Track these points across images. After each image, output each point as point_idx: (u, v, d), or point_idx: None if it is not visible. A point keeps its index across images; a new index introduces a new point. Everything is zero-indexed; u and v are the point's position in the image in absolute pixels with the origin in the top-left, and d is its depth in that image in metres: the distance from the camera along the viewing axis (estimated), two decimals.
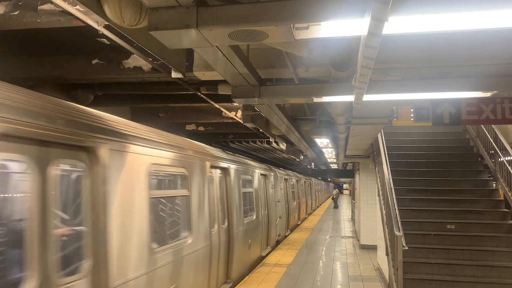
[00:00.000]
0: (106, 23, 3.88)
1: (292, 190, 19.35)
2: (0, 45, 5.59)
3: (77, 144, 3.58)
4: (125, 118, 9.32)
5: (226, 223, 8.15)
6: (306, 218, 23.30)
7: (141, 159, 4.70)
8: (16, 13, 4.08)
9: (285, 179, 17.25)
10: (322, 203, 44.77)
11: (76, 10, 3.72)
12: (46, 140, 3.21)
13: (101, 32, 4.14)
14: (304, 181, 25.22)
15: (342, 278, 9.23)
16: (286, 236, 16.33)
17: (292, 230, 18.38)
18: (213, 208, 7.28)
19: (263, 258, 11.37)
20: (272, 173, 14.35)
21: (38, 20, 4.08)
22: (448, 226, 8.63)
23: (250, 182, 10.67)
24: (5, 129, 2.80)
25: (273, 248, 13.27)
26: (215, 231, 7.31)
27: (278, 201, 14.75)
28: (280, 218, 14.80)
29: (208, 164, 7.07)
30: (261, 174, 12.15)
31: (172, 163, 5.61)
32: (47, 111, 3.30)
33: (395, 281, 7.08)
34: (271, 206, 13.36)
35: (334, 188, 42.32)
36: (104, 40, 5.36)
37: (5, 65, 5.81)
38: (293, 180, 20.04)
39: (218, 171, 7.97)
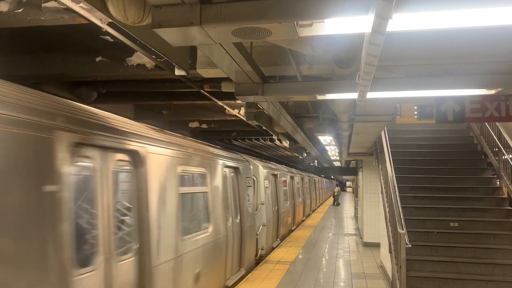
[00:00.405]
0: (110, 20, 3.89)
1: (284, 189, 15.90)
2: (4, 42, 5.61)
3: (129, 149, 4.49)
4: (128, 116, 9.39)
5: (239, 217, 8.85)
6: (302, 222, 22.34)
7: (171, 160, 5.50)
8: (20, 10, 4.09)
9: (273, 175, 13.74)
10: (324, 201, 44.75)
11: (80, 8, 3.73)
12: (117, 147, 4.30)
13: (104, 30, 4.15)
14: (302, 178, 22.34)
15: (345, 276, 9.23)
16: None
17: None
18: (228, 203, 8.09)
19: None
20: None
21: (42, 18, 4.09)
22: (452, 224, 8.61)
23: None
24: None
25: None
26: (230, 224, 8.08)
27: (262, 203, 11.72)
28: (264, 225, 11.61)
29: (223, 162, 7.84)
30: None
31: (195, 164, 6.44)
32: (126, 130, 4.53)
33: (398, 279, 7.08)
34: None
35: (336, 186, 42.33)
36: (108, 37, 5.37)
37: (9, 62, 5.83)
38: (286, 176, 16.76)
39: (231, 169, 8.66)
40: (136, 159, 4.66)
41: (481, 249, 7.95)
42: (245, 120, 8.89)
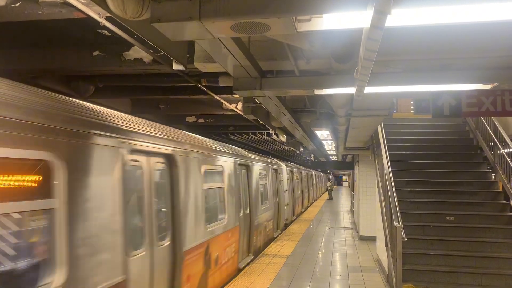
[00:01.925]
0: (108, 14, 3.89)
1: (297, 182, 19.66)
2: (1, 37, 5.58)
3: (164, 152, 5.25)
4: (125, 110, 9.39)
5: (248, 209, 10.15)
6: (301, 214, 22.89)
7: (196, 160, 6.30)
8: (17, 4, 4.08)
9: (291, 171, 18.42)
10: (321, 195, 44.88)
11: (78, 2, 3.72)
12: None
13: (102, 24, 4.14)
14: (300, 172, 22.82)
15: (341, 269, 9.30)
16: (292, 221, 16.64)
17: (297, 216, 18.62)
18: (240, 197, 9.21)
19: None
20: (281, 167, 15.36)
21: (40, 12, 4.08)
22: (447, 218, 8.68)
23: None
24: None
25: None
26: (242, 214, 9.25)
27: (286, 190, 15.80)
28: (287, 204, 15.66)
29: (234, 161, 8.75)
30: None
31: (214, 162, 7.32)
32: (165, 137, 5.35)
33: (394, 272, 7.15)
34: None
35: (329, 180, 42.27)
36: (105, 32, 5.36)
37: (6, 56, 5.81)
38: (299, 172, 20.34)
39: (243, 167, 9.82)
40: (171, 160, 5.55)
41: (476, 242, 8.03)
42: (242, 114, 8.90)
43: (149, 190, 4.85)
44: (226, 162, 8.14)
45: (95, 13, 3.94)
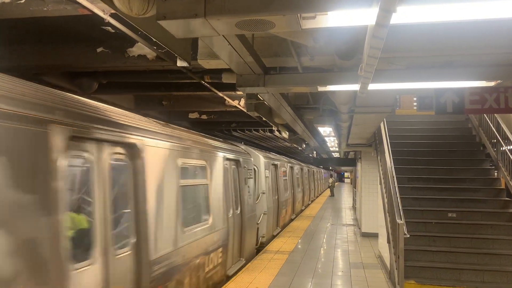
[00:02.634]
0: (112, 11, 3.90)
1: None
2: (6, 33, 5.60)
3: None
4: (128, 106, 9.39)
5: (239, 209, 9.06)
6: (302, 212, 22.97)
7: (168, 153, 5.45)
8: (23, 1, 4.09)
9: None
10: (322, 192, 44.90)
11: None
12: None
13: (107, 21, 4.16)
14: (301, 169, 22.37)
15: (343, 265, 9.33)
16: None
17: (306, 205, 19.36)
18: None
19: None
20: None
21: (45, 9, 4.10)
22: (450, 215, 8.69)
23: None
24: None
25: None
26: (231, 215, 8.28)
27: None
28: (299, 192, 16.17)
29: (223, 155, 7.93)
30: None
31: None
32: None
33: (396, 269, 7.17)
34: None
35: (330, 176, 42.20)
36: (109, 28, 5.37)
37: (11, 53, 5.83)
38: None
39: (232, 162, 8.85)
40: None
41: (478, 239, 8.04)
42: (245, 111, 8.91)
43: (101, 187, 3.94)
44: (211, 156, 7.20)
45: (100, 10, 3.96)
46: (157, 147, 5.07)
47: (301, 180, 21.84)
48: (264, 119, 9.79)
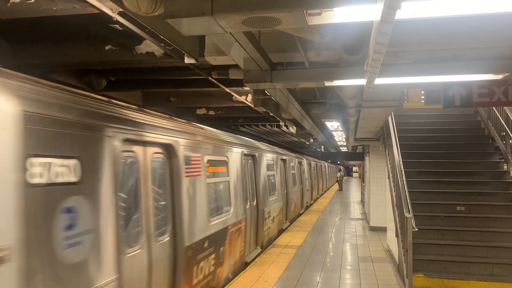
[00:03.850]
0: (120, 9, 3.94)
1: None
2: (16, 32, 5.68)
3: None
4: (136, 103, 9.49)
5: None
6: (310, 206, 23.08)
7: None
8: (33, 1, 4.15)
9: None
10: (331, 186, 44.86)
11: None
12: None
13: (115, 19, 4.20)
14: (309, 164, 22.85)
15: (352, 259, 9.37)
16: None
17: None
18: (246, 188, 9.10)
19: None
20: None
21: (54, 8, 4.15)
22: (458, 208, 8.68)
23: None
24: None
25: None
26: (248, 207, 9.11)
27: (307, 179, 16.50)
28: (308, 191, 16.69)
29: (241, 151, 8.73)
30: None
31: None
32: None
33: (404, 262, 7.19)
34: None
35: (339, 171, 42.18)
36: (117, 26, 5.42)
37: (21, 51, 5.91)
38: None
39: (249, 157, 9.78)
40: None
41: (487, 232, 8.03)
42: (252, 106, 8.94)
43: (145, 182, 4.67)
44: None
45: (108, 9, 4.00)
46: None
47: (309, 175, 21.89)
48: (271, 114, 9.82)
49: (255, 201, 9.86)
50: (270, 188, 11.58)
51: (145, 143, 4.70)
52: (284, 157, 14.51)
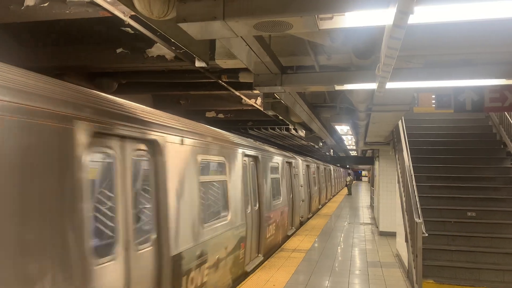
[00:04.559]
0: (132, 13, 3.98)
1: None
2: (30, 35, 5.76)
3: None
4: (147, 105, 9.55)
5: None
6: (318, 211, 22.95)
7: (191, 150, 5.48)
8: (46, 4, 4.21)
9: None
10: (340, 190, 44.68)
11: (104, 1, 3.82)
12: None
13: (127, 22, 4.25)
14: (318, 167, 22.18)
15: (360, 264, 9.31)
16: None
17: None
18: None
19: None
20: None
21: (67, 11, 4.20)
22: (469, 213, 8.59)
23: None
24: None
25: None
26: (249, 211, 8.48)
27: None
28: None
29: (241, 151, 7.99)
30: None
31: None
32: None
33: (414, 268, 7.13)
34: None
35: (348, 175, 42.00)
36: (129, 29, 5.47)
37: (34, 54, 5.98)
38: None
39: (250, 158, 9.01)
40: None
41: (498, 239, 7.94)
42: (261, 109, 8.96)
43: (123, 182, 3.94)
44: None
45: (120, 12, 4.05)
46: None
47: (317, 179, 21.81)
48: (280, 117, 9.83)
49: (257, 205, 9.20)
50: (275, 192, 11.32)
51: (123, 138, 3.99)
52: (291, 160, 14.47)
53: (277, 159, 11.48)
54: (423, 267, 6.99)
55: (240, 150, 7.82)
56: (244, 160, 8.26)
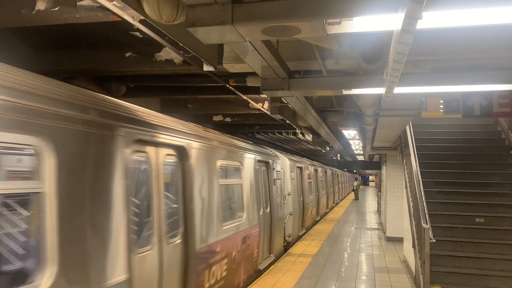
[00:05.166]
0: (142, 17, 4.02)
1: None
2: (39, 39, 5.82)
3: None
4: (154, 109, 9.61)
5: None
6: (326, 215, 22.86)
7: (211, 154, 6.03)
8: (57, 9, 4.26)
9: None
10: (347, 195, 44.51)
11: (113, 6, 3.86)
12: None
13: (136, 27, 4.28)
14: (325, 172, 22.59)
15: (367, 269, 9.26)
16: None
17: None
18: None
19: None
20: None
21: (77, 16, 4.25)
22: (477, 219, 8.52)
23: None
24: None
25: None
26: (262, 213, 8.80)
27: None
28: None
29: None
30: None
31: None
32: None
33: (421, 274, 7.08)
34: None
35: (355, 179, 41.91)
36: (137, 33, 5.51)
37: (43, 58, 6.05)
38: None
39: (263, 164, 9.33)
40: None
41: (507, 245, 7.86)
42: (268, 114, 8.96)
43: (157, 183, 4.53)
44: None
45: (130, 17, 4.08)
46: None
47: (325, 183, 21.75)
48: (287, 121, 9.83)
49: (268, 208, 9.55)
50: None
51: (157, 144, 4.58)
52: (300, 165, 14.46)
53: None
54: (431, 273, 6.94)
55: (253, 156, 8.42)
56: (257, 166, 8.68)
